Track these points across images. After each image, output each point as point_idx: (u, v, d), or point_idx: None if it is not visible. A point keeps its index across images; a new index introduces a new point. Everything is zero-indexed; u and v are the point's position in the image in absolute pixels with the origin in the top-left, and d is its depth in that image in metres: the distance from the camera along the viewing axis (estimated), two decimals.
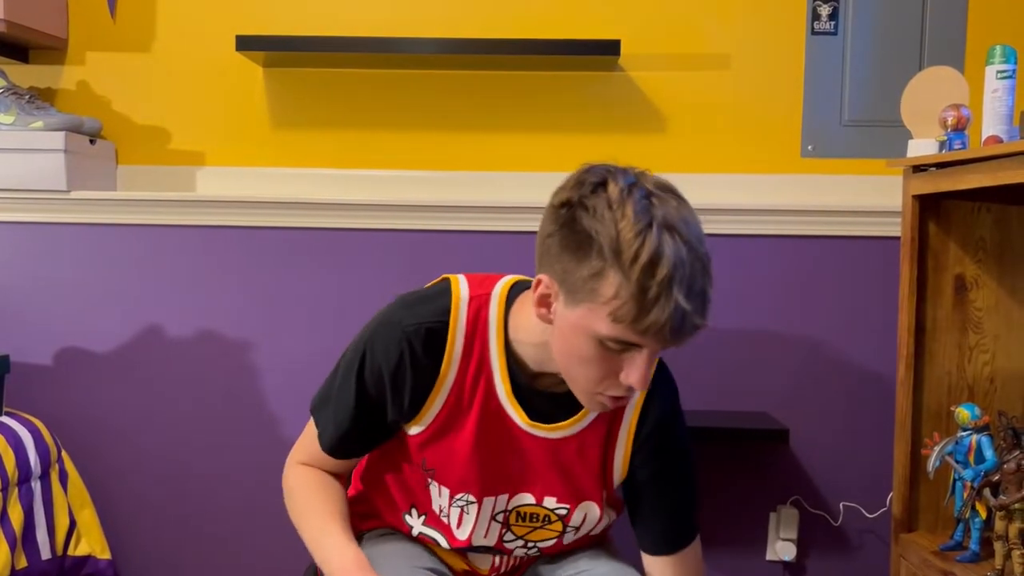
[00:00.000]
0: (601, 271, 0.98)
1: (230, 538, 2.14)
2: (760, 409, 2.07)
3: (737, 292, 2.06)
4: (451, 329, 1.16)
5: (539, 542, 1.27)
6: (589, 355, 1.04)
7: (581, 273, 1.00)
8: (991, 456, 1.52)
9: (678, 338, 1.00)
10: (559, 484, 1.22)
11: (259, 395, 2.12)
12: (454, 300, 1.17)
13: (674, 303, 0.96)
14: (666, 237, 0.97)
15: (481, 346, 1.17)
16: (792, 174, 2.09)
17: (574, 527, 1.26)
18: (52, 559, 1.91)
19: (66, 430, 2.08)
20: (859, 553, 2.08)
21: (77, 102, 2.15)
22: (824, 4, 2.07)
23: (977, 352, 1.76)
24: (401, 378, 1.16)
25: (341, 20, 2.11)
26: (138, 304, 2.11)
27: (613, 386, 1.07)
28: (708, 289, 1.01)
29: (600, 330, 1.01)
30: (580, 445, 1.21)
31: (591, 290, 1.00)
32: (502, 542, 1.26)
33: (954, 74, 1.75)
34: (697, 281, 0.99)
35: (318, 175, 2.14)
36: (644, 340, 1.00)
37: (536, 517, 1.23)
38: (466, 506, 1.23)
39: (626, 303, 0.97)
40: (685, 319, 0.98)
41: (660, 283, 0.96)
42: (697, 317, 1.00)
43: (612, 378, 1.06)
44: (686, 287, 0.97)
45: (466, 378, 1.17)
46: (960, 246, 1.75)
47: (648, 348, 1.02)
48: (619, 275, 0.97)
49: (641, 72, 2.09)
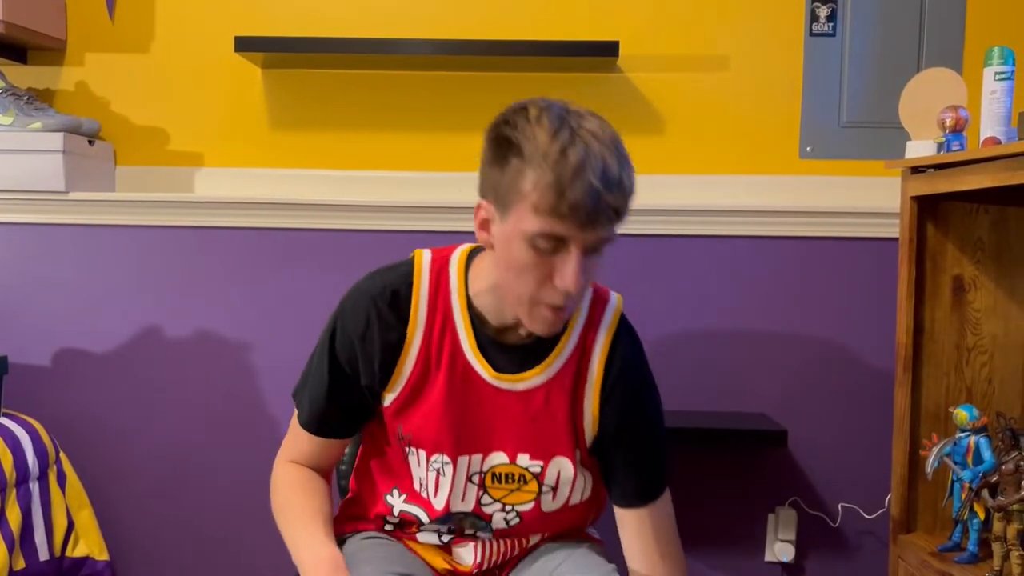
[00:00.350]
0: (521, 169, 1.06)
1: (228, 539, 2.14)
2: (758, 410, 2.07)
3: (736, 293, 2.06)
4: (415, 289, 1.22)
5: (517, 506, 1.27)
6: (524, 261, 1.09)
7: (505, 180, 1.08)
8: (989, 457, 1.52)
9: (596, 219, 1.06)
10: (530, 439, 1.24)
11: (257, 396, 2.12)
12: (416, 264, 1.24)
13: (588, 184, 1.03)
14: (580, 134, 1.06)
15: (444, 304, 1.22)
16: (790, 175, 2.09)
17: (550, 486, 1.26)
18: (50, 560, 1.91)
19: (64, 431, 2.08)
20: (857, 554, 2.08)
21: (75, 103, 2.15)
22: (822, 5, 2.07)
23: (975, 353, 1.76)
24: (370, 341, 1.21)
25: (339, 21, 2.11)
26: (136, 305, 2.11)
27: (550, 292, 1.11)
28: (624, 178, 1.07)
29: (528, 227, 1.07)
30: (547, 395, 1.23)
31: (515, 190, 1.07)
32: (480, 506, 1.26)
33: (952, 75, 1.75)
34: (611, 167, 1.06)
35: (316, 176, 2.14)
36: (566, 228, 1.06)
37: (511, 478, 1.25)
38: (442, 467, 1.24)
39: (545, 192, 1.04)
40: (600, 199, 1.04)
41: (574, 168, 1.04)
42: (611, 197, 1.05)
43: (548, 284, 1.10)
44: (599, 171, 1.04)
45: (432, 337, 1.21)
46: (958, 247, 1.75)
47: (574, 244, 1.07)
48: (536, 169, 1.05)
49: (640, 73, 2.09)
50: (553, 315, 1.13)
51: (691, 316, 2.07)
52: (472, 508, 1.26)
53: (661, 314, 2.06)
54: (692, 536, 2.10)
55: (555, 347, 1.23)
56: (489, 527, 1.28)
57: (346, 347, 1.23)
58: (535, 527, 1.31)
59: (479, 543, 1.31)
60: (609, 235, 1.10)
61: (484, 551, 1.32)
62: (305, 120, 2.14)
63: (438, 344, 1.21)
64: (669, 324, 2.07)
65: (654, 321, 2.04)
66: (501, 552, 1.33)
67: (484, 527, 1.29)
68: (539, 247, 1.08)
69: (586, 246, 1.09)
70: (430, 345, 1.21)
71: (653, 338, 2.04)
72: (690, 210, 2.04)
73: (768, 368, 2.07)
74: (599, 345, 1.25)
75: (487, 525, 1.28)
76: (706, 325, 2.07)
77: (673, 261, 2.06)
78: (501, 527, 1.28)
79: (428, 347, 1.21)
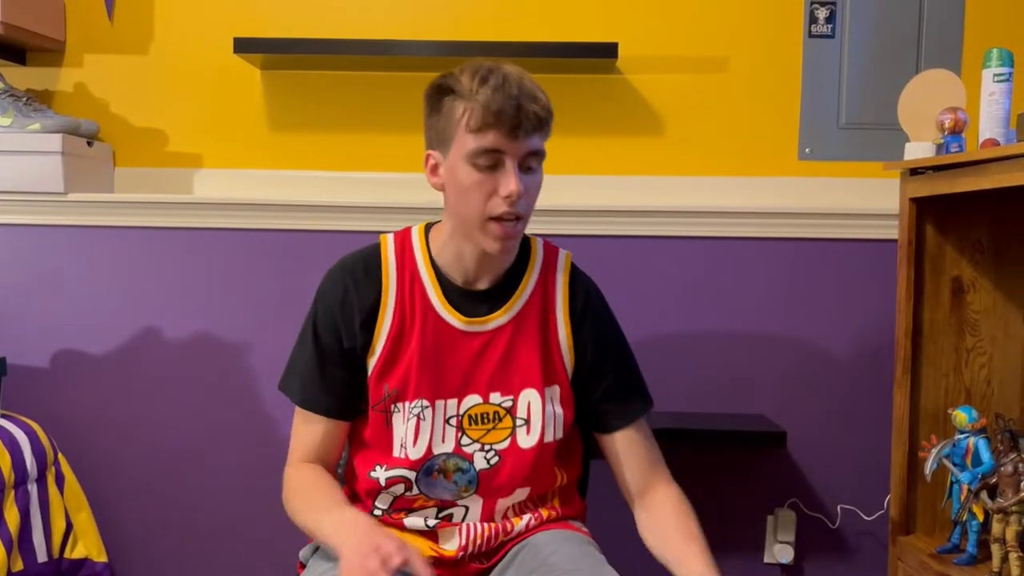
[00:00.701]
0: (453, 105, 1.24)
1: (227, 540, 2.14)
2: (757, 412, 2.07)
3: (735, 295, 2.06)
4: (383, 257, 1.35)
5: (495, 444, 1.33)
6: (469, 182, 1.24)
7: (443, 120, 1.26)
8: (988, 459, 1.52)
9: (521, 126, 1.21)
10: (500, 378, 1.33)
11: (256, 396, 2.12)
12: (382, 240, 1.38)
13: (508, 95, 1.21)
14: (498, 69, 1.24)
15: (411, 265, 1.35)
16: (789, 177, 2.09)
17: (523, 419, 1.34)
18: (49, 562, 1.91)
19: (63, 432, 2.07)
20: (856, 556, 2.08)
21: (74, 104, 2.15)
22: (821, 7, 2.07)
23: (974, 355, 1.76)
24: (349, 306, 1.32)
25: (339, 22, 2.11)
26: (135, 306, 2.11)
27: (497, 204, 1.24)
28: (540, 93, 1.25)
29: (466, 148, 1.23)
30: (515, 331, 1.34)
31: (451, 123, 1.24)
32: (460, 447, 1.32)
33: (951, 77, 1.75)
34: (526, 84, 1.24)
35: (315, 177, 2.14)
36: (497, 139, 1.21)
37: (487, 417, 1.33)
38: (422, 411, 1.31)
39: (472, 112, 1.22)
40: (520, 106, 1.21)
41: (494, 87, 1.21)
42: (531, 106, 1.22)
43: (494, 197, 1.24)
44: (516, 86, 1.22)
45: (404, 296, 1.33)
46: (957, 249, 1.75)
47: (508, 156, 1.23)
48: (465, 99, 1.23)
49: (639, 75, 2.09)
50: (503, 228, 1.25)
51: (689, 317, 2.07)
52: (453, 449, 1.32)
53: (660, 315, 2.06)
54: None
55: (518, 287, 1.35)
56: (472, 467, 1.33)
57: (328, 320, 1.33)
58: (514, 471, 1.34)
59: (463, 526, 1.34)
60: (537, 147, 1.25)
61: (469, 535, 1.34)
62: (304, 121, 2.14)
63: (410, 302, 1.32)
64: (668, 325, 2.07)
65: (653, 322, 2.04)
66: (485, 536, 1.34)
67: (467, 467, 1.33)
68: (479, 164, 1.23)
69: (519, 157, 1.23)
70: (403, 304, 1.32)
71: (652, 339, 2.04)
72: (689, 211, 2.04)
73: (767, 369, 2.07)
74: (559, 280, 1.38)
75: (470, 465, 1.33)
76: (704, 326, 2.07)
77: (672, 262, 2.06)
78: (483, 467, 1.33)
79: (402, 305, 1.32)
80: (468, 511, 1.35)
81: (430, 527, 1.35)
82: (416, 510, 1.35)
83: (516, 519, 1.37)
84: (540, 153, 1.27)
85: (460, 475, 1.33)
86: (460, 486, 1.33)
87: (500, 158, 1.23)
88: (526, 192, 1.25)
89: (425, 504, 1.34)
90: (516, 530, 1.36)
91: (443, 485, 1.33)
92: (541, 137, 1.26)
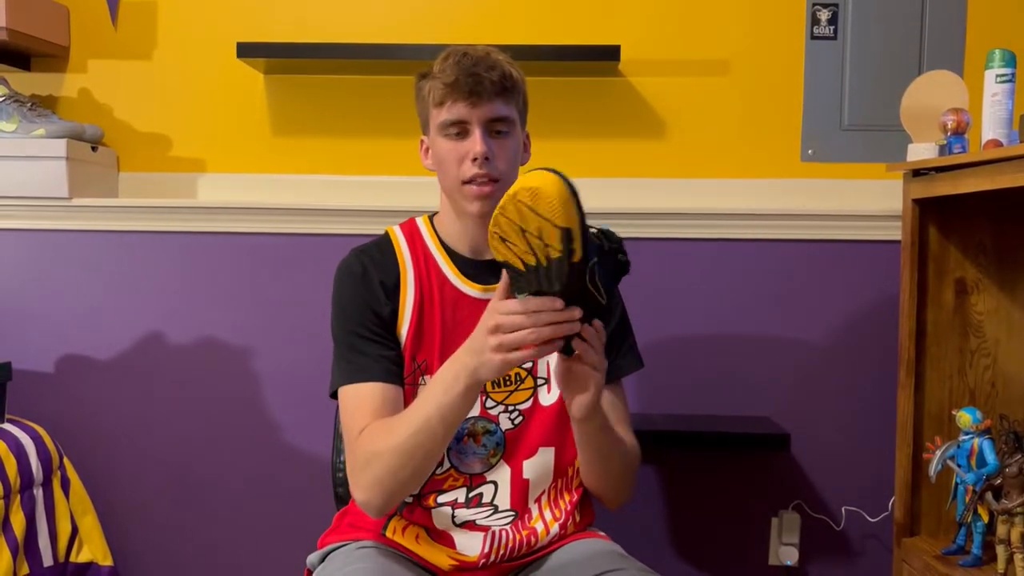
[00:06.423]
0: (423, 87, 1.35)
1: (232, 544, 2.14)
2: (761, 414, 2.07)
3: (738, 297, 2.06)
4: (394, 240, 1.42)
5: (519, 405, 1.37)
6: (444, 152, 1.33)
7: (420, 104, 1.37)
8: (993, 460, 1.52)
9: (479, 93, 1.29)
10: None
11: (261, 401, 2.12)
12: (388, 230, 1.45)
13: (464, 66, 1.29)
14: (465, 48, 1.32)
15: (422, 246, 1.41)
16: (792, 179, 2.09)
17: (543, 378, 1.38)
18: (54, 566, 1.92)
19: (68, 437, 2.08)
20: (861, 558, 2.08)
21: (79, 110, 2.16)
22: (824, 9, 2.07)
23: (978, 356, 1.76)
24: (370, 278, 1.36)
25: (342, 27, 2.11)
26: (140, 311, 2.12)
27: (468, 167, 1.31)
28: (503, 63, 1.32)
29: (436, 121, 1.33)
30: None
31: (425, 104, 1.35)
32: (485, 410, 1.36)
33: (954, 78, 1.75)
34: (488, 55, 1.32)
35: (319, 181, 2.14)
36: (459, 108, 1.30)
37: (508, 380, 1.38)
38: None
39: (434, 88, 1.32)
40: (477, 75, 1.29)
41: (453, 63, 1.30)
42: (488, 73, 1.29)
43: (465, 162, 1.32)
44: (475, 58, 1.31)
45: (421, 274, 1.38)
46: (960, 250, 1.75)
47: (473, 122, 1.30)
48: (430, 79, 1.33)
49: (641, 78, 2.09)
50: (478, 189, 1.32)
51: (693, 320, 2.07)
52: (479, 412, 1.36)
53: (664, 318, 2.06)
54: (695, 540, 2.10)
55: None
56: (499, 428, 1.36)
57: (352, 295, 1.36)
58: (538, 429, 1.37)
59: (488, 533, 1.34)
60: (500, 113, 1.31)
61: (492, 542, 1.34)
62: (307, 125, 2.15)
63: (427, 279, 1.38)
64: (671, 328, 2.07)
65: (657, 325, 2.04)
66: (509, 546, 1.34)
67: (494, 429, 1.36)
68: (450, 135, 1.32)
69: (483, 123, 1.31)
70: (421, 279, 1.38)
71: (656, 341, 2.04)
72: (692, 214, 2.04)
73: (771, 371, 2.07)
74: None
75: (496, 427, 1.36)
76: (708, 329, 2.07)
77: (675, 265, 2.06)
78: (508, 427, 1.37)
79: (420, 280, 1.38)
80: (497, 489, 1.36)
81: (463, 502, 1.35)
82: (446, 491, 1.36)
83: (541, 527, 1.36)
84: (506, 118, 1.32)
85: (488, 437, 1.36)
86: (489, 449, 1.36)
87: (465, 127, 1.31)
88: (496, 155, 1.32)
89: (455, 484, 1.35)
90: (540, 544, 1.36)
91: (473, 450, 1.35)
92: (505, 102, 1.32)
